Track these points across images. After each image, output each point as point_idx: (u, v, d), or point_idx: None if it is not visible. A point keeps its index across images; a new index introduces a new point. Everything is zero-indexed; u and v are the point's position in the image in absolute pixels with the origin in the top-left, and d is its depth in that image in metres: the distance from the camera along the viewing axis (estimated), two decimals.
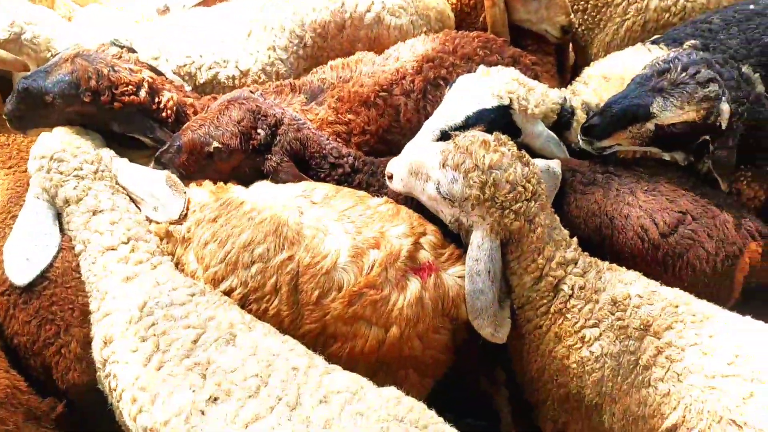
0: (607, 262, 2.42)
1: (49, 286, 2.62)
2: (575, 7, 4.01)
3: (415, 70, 3.32)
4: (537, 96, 2.90)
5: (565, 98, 3.04)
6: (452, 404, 2.55)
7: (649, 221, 2.56)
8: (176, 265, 2.61)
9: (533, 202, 2.31)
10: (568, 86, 3.40)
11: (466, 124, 2.80)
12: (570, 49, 4.41)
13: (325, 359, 2.19)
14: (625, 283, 2.30)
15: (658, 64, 2.66)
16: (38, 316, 2.58)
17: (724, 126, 2.55)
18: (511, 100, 2.84)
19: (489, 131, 2.61)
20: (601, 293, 2.29)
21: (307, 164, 2.89)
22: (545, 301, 2.36)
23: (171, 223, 2.65)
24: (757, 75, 2.81)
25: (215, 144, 2.76)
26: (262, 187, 2.73)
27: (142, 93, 3.00)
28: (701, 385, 2.03)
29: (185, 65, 3.57)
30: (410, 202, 2.69)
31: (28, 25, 3.50)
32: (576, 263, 2.36)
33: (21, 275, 2.61)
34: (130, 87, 2.98)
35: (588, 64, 3.62)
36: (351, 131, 3.25)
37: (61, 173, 2.70)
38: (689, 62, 2.58)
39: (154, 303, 2.30)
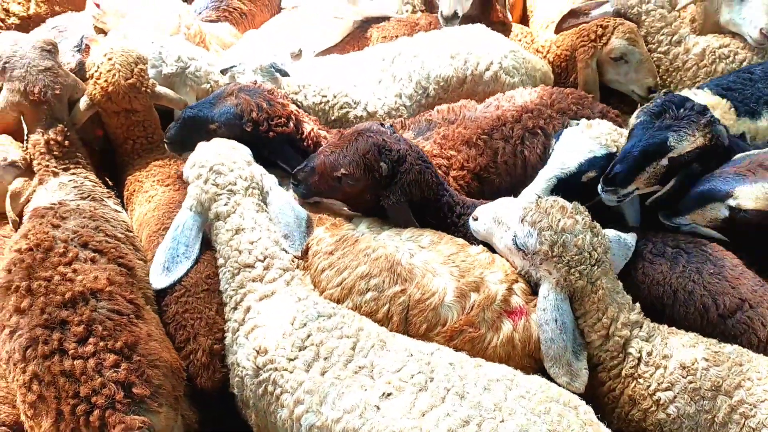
0: (666, 326, 2.58)
1: (184, 294, 2.81)
2: None
3: (514, 119, 3.58)
4: None
5: None
6: None
7: (711, 302, 2.68)
8: None
9: (597, 267, 2.50)
10: None
11: (579, 170, 3.05)
12: None
13: None
14: (690, 346, 2.45)
15: (650, 110, 2.91)
16: (174, 320, 2.77)
17: (726, 143, 2.81)
18: (617, 147, 3.08)
19: (599, 177, 2.97)
20: (670, 359, 2.44)
21: (421, 207, 3.02)
22: (616, 362, 2.50)
23: (295, 257, 2.88)
24: None
25: (342, 170, 2.93)
26: (372, 226, 2.98)
27: (291, 124, 3.34)
28: None
29: (321, 103, 3.96)
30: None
31: (192, 60, 3.95)
32: (641, 326, 2.52)
33: (159, 280, 2.85)
34: (283, 119, 3.33)
35: None
36: (451, 166, 3.49)
37: (217, 185, 2.88)
38: (679, 100, 2.87)
39: (304, 316, 2.53)
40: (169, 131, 3.42)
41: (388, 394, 2.21)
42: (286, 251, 2.86)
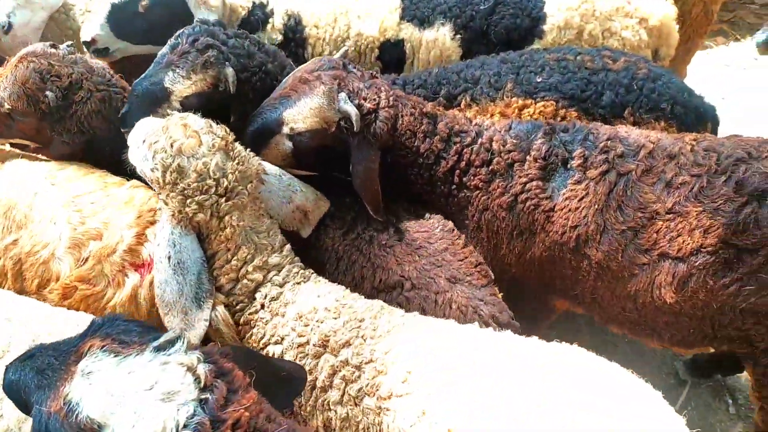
0: (315, 275, 2.12)
1: None
2: None
3: None
4: None
5: (263, 2, 2.86)
6: None
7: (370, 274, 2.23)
8: None
9: (225, 200, 1.99)
10: None
11: None
12: None
13: None
14: (319, 295, 1.98)
15: (173, 39, 2.40)
16: None
17: (232, 90, 2.34)
18: None
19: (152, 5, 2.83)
20: (290, 306, 1.97)
21: None
22: (239, 307, 2.05)
23: None
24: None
25: (6, 105, 2.45)
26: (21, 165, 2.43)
27: None
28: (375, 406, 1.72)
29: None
30: None
31: None
32: (280, 270, 2.06)
33: None
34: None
35: None
36: None
37: None
38: (192, 32, 2.39)
39: None
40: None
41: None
42: None
